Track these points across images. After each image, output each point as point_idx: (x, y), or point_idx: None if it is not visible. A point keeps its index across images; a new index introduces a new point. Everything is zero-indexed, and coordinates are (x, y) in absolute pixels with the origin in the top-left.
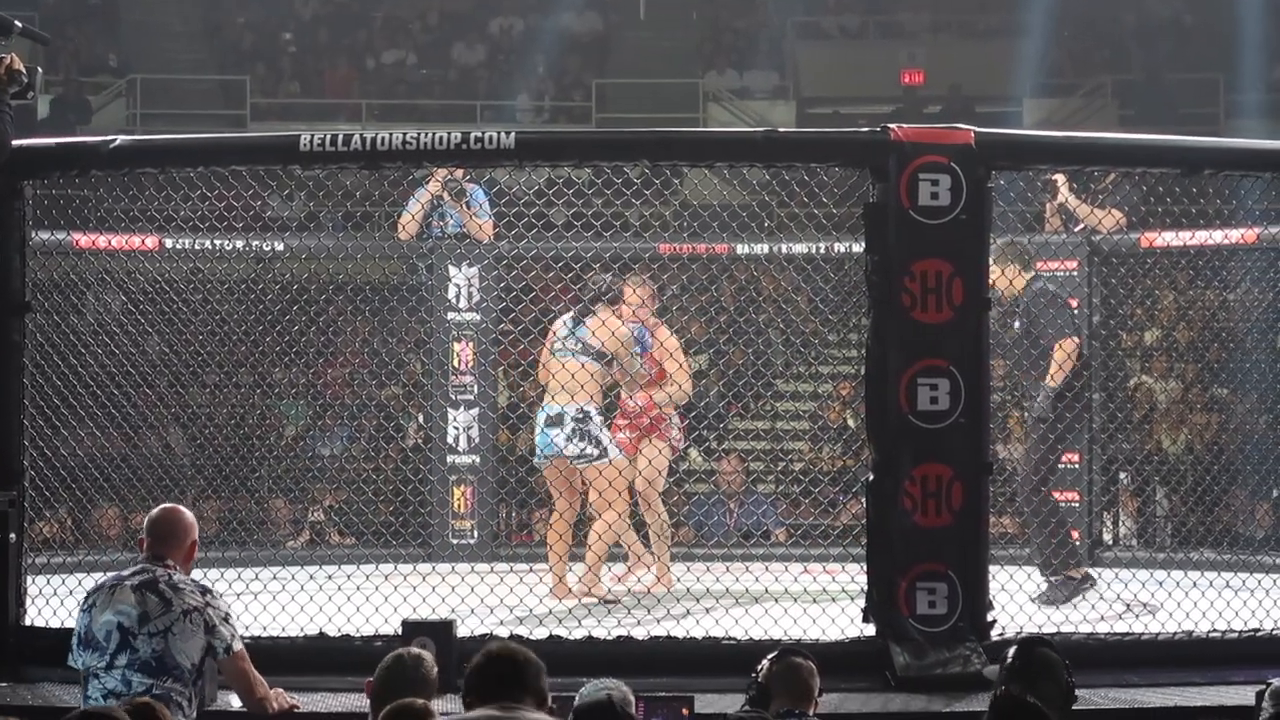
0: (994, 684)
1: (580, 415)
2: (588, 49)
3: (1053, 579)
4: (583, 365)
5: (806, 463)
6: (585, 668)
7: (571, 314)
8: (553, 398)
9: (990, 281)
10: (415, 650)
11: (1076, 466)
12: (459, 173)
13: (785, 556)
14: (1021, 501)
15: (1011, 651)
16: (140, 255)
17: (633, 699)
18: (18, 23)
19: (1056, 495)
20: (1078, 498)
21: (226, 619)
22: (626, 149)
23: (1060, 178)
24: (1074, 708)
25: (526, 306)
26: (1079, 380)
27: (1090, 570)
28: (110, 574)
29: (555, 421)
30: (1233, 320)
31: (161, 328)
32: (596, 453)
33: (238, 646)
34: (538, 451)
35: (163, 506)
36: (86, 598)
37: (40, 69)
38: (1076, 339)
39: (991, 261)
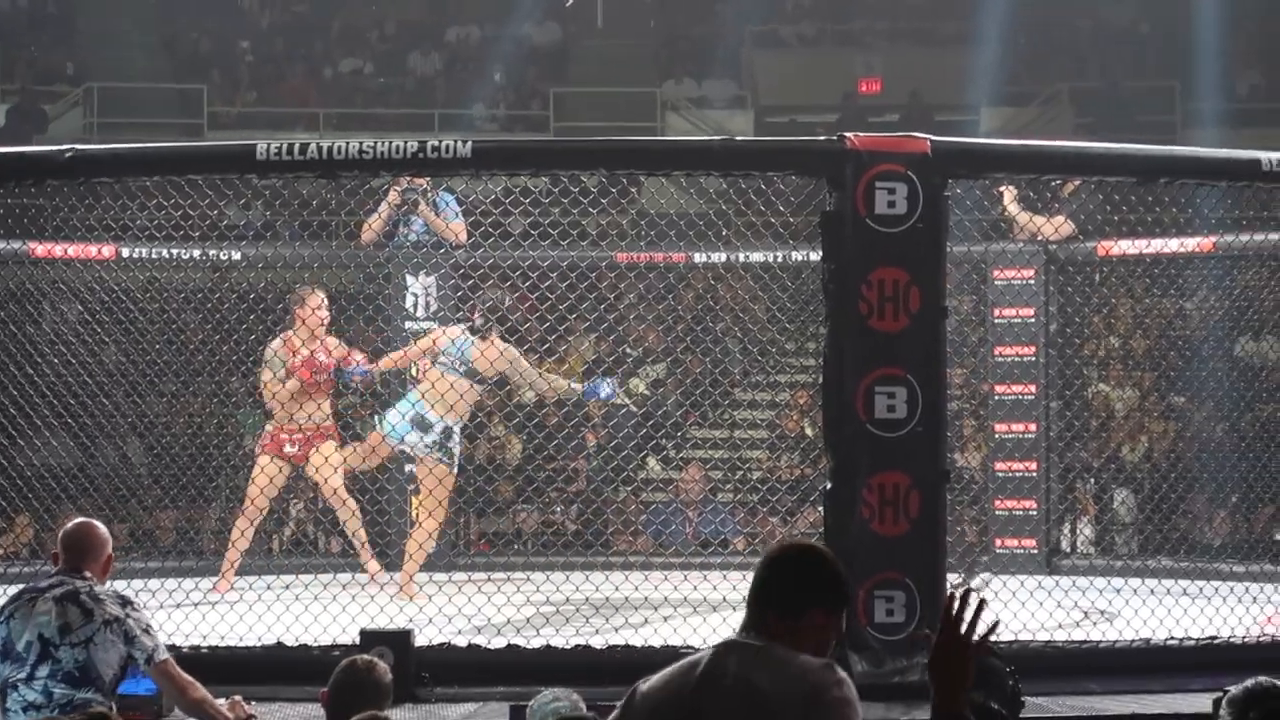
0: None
1: (445, 431)
2: (546, 58)
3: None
4: (454, 384)
5: (765, 471)
6: (543, 677)
7: (461, 331)
8: (430, 405)
9: None
10: (368, 657)
11: (1034, 474)
12: (424, 180)
13: (744, 565)
14: None
15: None
16: (97, 264)
17: (584, 707)
18: None
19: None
20: (1035, 505)
21: (148, 630)
22: (584, 158)
23: (1008, 189)
24: (1030, 716)
25: (483, 315)
26: None
27: None
28: (24, 585)
29: (422, 425)
30: (1189, 328)
31: (119, 337)
32: (446, 461)
33: (160, 656)
34: (390, 426)
35: (77, 520)
36: (1, 608)
37: None
38: None
39: None
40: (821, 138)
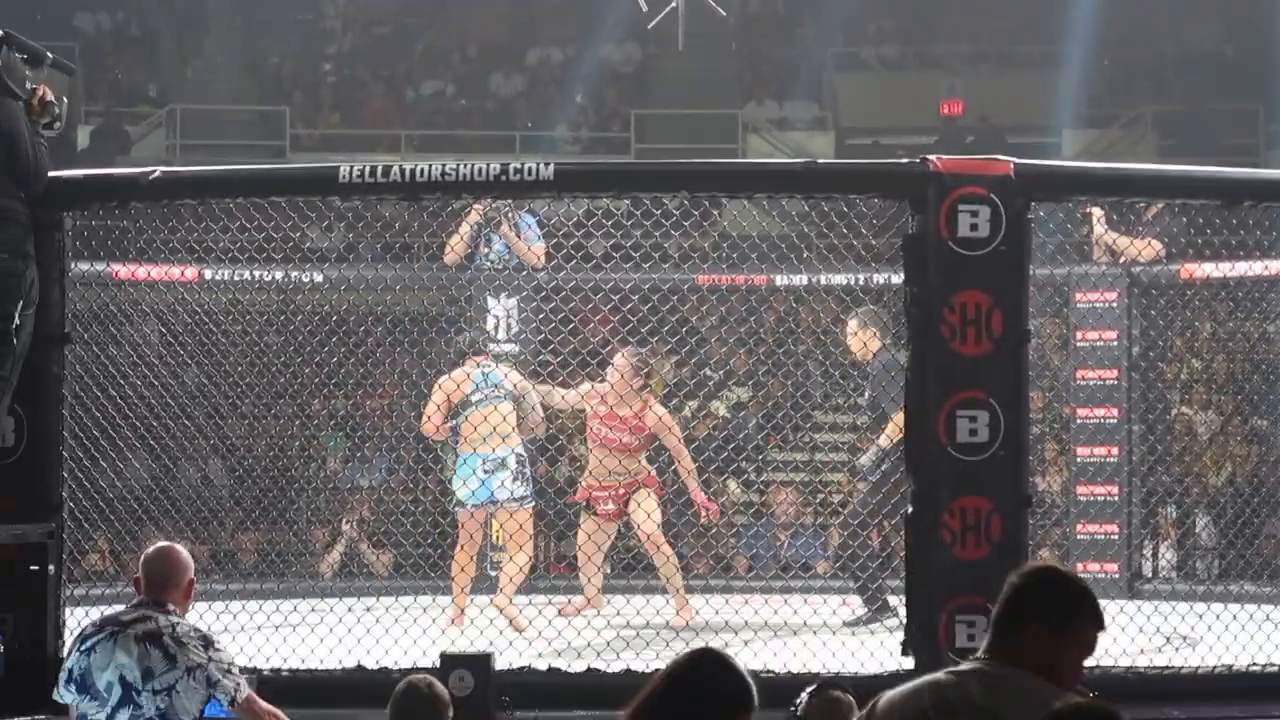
0: None
1: (519, 458)
2: (626, 79)
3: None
4: (496, 409)
5: (845, 494)
6: (624, 700)
7: (472, 366)
8: (493, 446)
9: (848, 344)
10: (426, 677)
11: (1116, 498)
12: (507, 201)
13: (824, 589)
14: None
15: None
16: (179, 286)
17: None
18: (49, 54)
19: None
20: (1116, 530)
21: (229, 670)
22: (666, 180)
23: (1096, 211)
24: None
25: (565, 337)
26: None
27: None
28: (108, 614)
29: (499, 466)
30: (1273, 351)
31: (200, 358)
32: (530, 494)
33: (243, 694)
34: (472, 497)
35: (158, 545)
36: (83, 637)
37: (66, 100)
38: None
39: (854, 324)
40: (904, 160)
